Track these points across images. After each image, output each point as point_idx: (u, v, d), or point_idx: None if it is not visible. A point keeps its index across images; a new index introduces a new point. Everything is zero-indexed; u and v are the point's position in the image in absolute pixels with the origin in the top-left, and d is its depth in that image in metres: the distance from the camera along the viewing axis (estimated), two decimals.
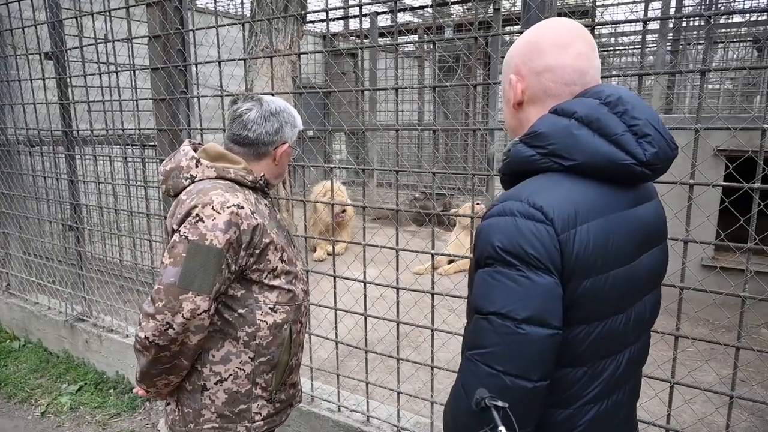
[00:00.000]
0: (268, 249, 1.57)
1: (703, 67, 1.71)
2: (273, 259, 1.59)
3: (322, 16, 8.88)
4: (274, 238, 1.59)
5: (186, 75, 2.95)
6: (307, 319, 1.80)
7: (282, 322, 1.63)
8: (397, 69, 2.48)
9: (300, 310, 1.71)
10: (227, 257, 1.45)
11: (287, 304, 1.65)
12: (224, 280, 1.48)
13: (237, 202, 1.48)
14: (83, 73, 3.45)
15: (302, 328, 1.76)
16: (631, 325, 1.04)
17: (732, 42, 8.84)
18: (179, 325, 1.42)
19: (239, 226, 1.47)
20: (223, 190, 1.49)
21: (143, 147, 3.51)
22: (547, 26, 1.05)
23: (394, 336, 3.24)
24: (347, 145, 10.16)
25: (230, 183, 1.56)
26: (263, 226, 1.55)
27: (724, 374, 3.48)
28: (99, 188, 3.75)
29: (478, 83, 5.76)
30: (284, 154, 1.69)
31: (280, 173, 1.74)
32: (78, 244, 3.88)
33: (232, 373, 1.58)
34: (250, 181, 1.60)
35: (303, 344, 1.85)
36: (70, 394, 3.55)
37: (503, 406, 0.82)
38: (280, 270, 1.62)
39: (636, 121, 0.95)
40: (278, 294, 1.63)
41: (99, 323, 3.80)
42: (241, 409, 1.61)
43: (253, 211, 1.53)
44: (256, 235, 1.51)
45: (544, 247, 0.89)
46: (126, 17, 3.19)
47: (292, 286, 1.66)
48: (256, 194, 1.64)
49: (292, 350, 1.69)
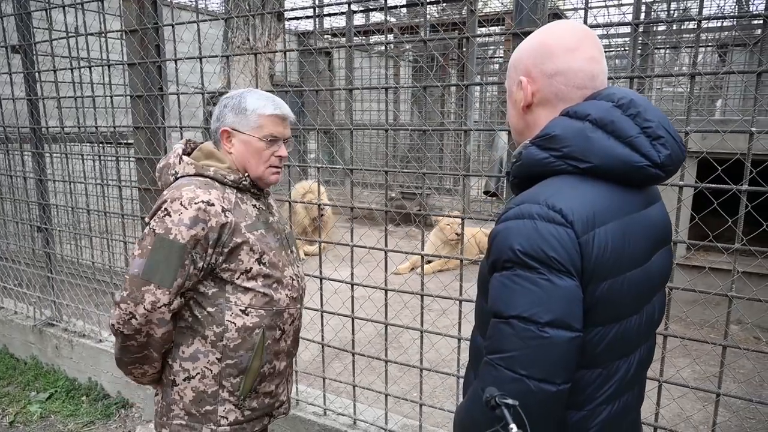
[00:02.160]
0: (240, 249, 1.53)
1: (694, 71, 1.74)
2: (246, 260, 1.54)
3: (298, 14, 8.79)
4: (250, 239, 1.54)
5: (162, 71, 2.86)
6: (294, 327, 1.72)
7: (253, 326, 1.58)
8: (387, 69, 2.45)
9: (280, 317, 1.64)
10: (192, 253, 1.46)
11: (262, 309, 1.59)
12: (189, 276, 1.48)
13: (207, 199, 1.48)
14: (53, 68, 3.32)
15: (285, 336, 1.67)
16: (643, 325, 1.04)
17: (701, 47, 9.11)
18: (141, 316, 1.46)
19: (207, 223, 1.46)
20: (197, 186, 1.50)
21: (117, 145, 3.39)
22: (556, 29, 1.05)
23: (379, 337, 3.22)
24: (320, 145, 10.10)
25: (208, 180, 1.55)
26: (234, 226, 1.51)
27: (698, 370, 3.58)
28: (70, 188, 3.61)
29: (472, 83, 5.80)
30: (238, 143, 1.58)
31: (244, 166, 1.60)
32: (47, 246, 3.73)
33: (200, 372, 1.57)
34: (231, 181, 1.57)
35: (288, 353, 1.73)
36: (40, 402, 3.40)
37: (513, 404, 0.81)
38: (255, 272, 1.57)
39: (649, 123, 0.96)
40: (252, 297, 1.58)
41: (70, 328, 3.66)
42: (207, 410, 1.58)
43: (226, 209, 1.50)
44: (225, 234, 1.49)
45: (565, 249, 0.89)
46: (98, 10, 3.08)
47: (269, 290, 1.60)
48: (242, 194, 1.60)
49: (264, 357, 1.62)
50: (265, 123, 1.57)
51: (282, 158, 1.63)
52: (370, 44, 6.75)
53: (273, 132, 1.58)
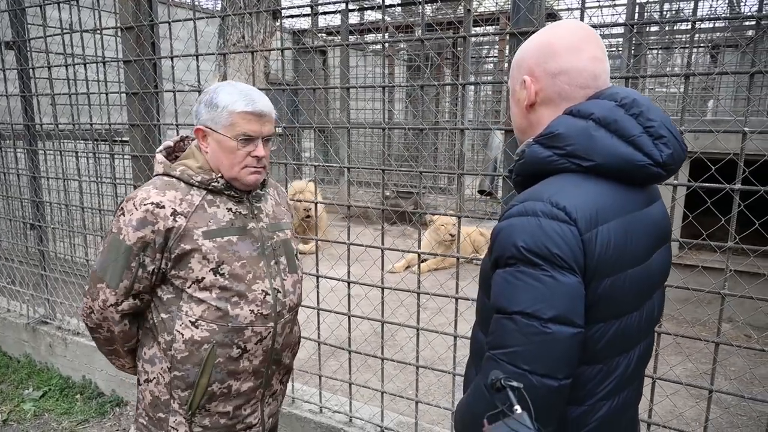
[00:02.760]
0: (189, 256, 1.44)
1: (688, 71, 1.76)
2: (198, 268, 1.44)
3: (292, 12, 8.77)
4: (203, 246, 1.43)
5: (158, 68, 2.85)
6: (264, 346, 1.56)
7: (201, 341, 1.47)
8: (384, 68, 2.46)
9: (239, 335, 1.49)
10: (141, 255, 1.43)
11: (214, 323, 1.47)
12: (138, 279, 1.45)
13: (157, 201, 1.42)
14: (47, 65, 3.29)
15: (248, 356, 1.53)
16: (644, 322, 1.06)
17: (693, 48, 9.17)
18: (97, 312, 1.49)
19: (154, 225, 1.41)
20: (155, 187, 1.45)
21: (113, 142, 3.38)
22: (560, 29, 1.06)
23: (375, 335, 3.23)
24: (316, 143, 10.08)
25: (172, 180, 1.48)
26: (183, 231, 1.42)
27: (690, 367, 3.62)
28: (65, 185, 3.59)
29: (469, 83, 5.82)
30: (213, 142, 1.47)
31: (219, 166, 1.50)
32: (40, 244, 3.71)
33: (155, 377, 1.53)
34: (198, 182, 1.47)
35: (256, 373, 1.57)
36: (34, 400, 3.38)
37: (518, 387, 0.82)
38: (208, 283, 1.45)
39: (651, 122, 0.97)
40: (205, 309, 1.46)
41: (63, 326, 3.64)
42: (159, 416, 1.54)
43: (178, 212, 1.42)
44: (171, 239, 1.42)
45: (569, 246, 0.90)
46: (93, 7, 3.06)
47: (225, 304, 1.47)
48: (214, 196, 1.50)
49: (214, 375, 1.49)
50: (238, 121, 1.44)
51: (260, 158, 1.49)
52: (366, 43, 6.75)
53: (246, 131, 1.44)
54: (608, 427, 1.04)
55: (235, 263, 1.48)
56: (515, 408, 0.79)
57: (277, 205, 1.69)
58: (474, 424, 0.98)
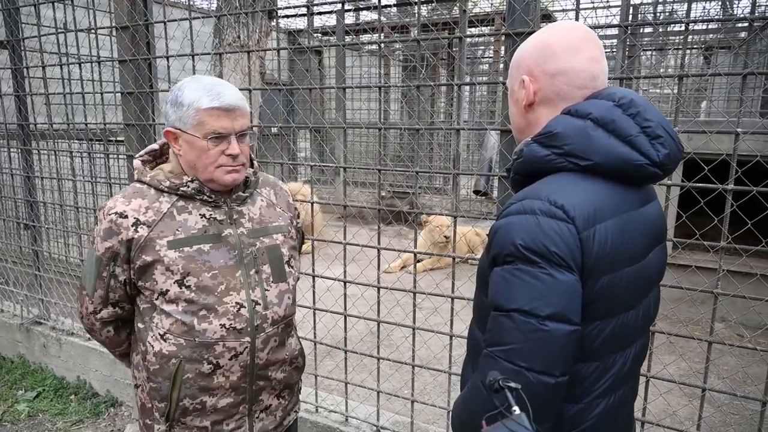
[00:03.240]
0: (153, 268, 1.38)
1: (681, 72, 1.78)
2: (161, 280, 1.38)
3: (287, 12, 8.76)
4: (165, 257, 1.36)
5: (153, 68, 2.84)
6: (241, 362, 1.45)
7: (170, 355, 1.41)
8: (380, 68, 2.47)
9: (209, 350, 1.40)
10: (111, 266, 1.41)
11: (181, 337, 1.40)
12: (113, 289, 1.44)
13: (121, 210, 1.37)
14: (42, 64, 3.28)
15: (222, 371, 1.43)
16: (639, 320, 1.07)
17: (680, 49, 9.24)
18: (85, 318, 1.52)
19: (118, 236, 1.38)
20: (122, 195, 1.41)
21: (107, 142, 3.36)
22: (558, 29, 1.07)
23: (371, 335, 3.23)
24: (311, 143, 10.08)
25: (142, 188, 1.43)
26: (144, 242, 1.36)
27: (684, 367, 3.64)
28: (59, 185, 3.58)
29: (465, 83, 5.83)
30: (183, 143, 1.37)
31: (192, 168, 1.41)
32: (34, 244, 3.69)
33: (141, 384, 1.51)
34: (167, 187, 1.40)
35: (235, 389, 1.47)
36: (28, 401, 3.37)
37: (516, 387, 0.82)
38: (173, 295, 1.38)
39: (648, 123, 0.98)
40: (173, 322, 1.40)
41: (58, 326, 3.62)
42: (147, 423, 1.52)
43: (141, 222, 1.37)
44: (133, 249, 1.37)
45: (567, 245, 0.91)
46: (88, 6, 3.05)
47: (191, 318, 1.38)
48: (186, 201, 1.42)
49: (183, 390, 1.42)
50: (205, 119, 1.33)
51: (234, 156, 1.38)
52: (362, 43, 6.77)
53: (216, 128, 1.34)
54: (605, 425, 1.05)
55: (204, 274, 1.39)
56: (513, 409, 0.79)
57: (269, 207, 1.57)
58: (471, 421, 0.99)
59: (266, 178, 1.66)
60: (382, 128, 2.31)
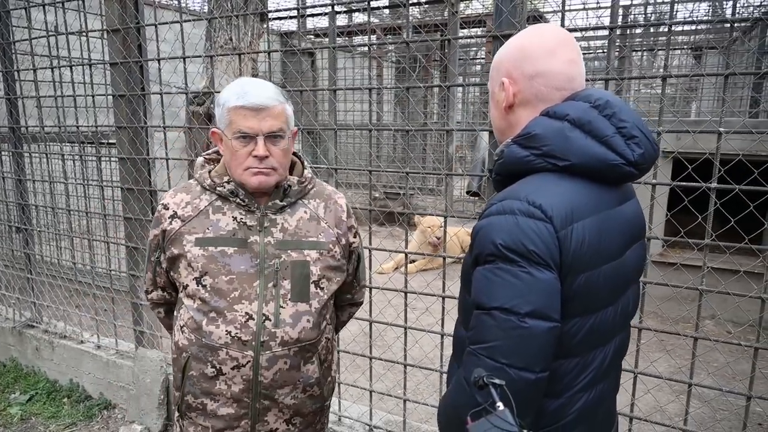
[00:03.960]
0: (179, 261, 1.43)
1: (665, 73, 1.81)
2: (184, 274, 1.42)
3: (280, 14, 8.77)
4: (188, 253, 1.39)
5: (144, 71, 2.85)
6: (244, 375, 1.40)
7: (182, 348, 1.44)
8: (370, 70, 2.49)
9: (213, 353, 1.39)
10: (158, 251, 1.50)
11: (192, 334, 1.41)
12: (158, 274, 1.54)
13: (166, 202, 1.47)
14: (33, 67, 3.28)
15: (225, 379, 1.40)
16: (618, 316, 1.09)
17: (673, 49, 9.32)
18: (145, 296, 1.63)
19: (159, 225, 1.47)
20: (174, 189, 1.51)
21: (99, 145, 3.37)
22: (535, 32, 1.10)
23: (363, 335, 3.25)
24: (303, 145, 10.09)
25: (191, 183, 1.51)
26: (174, 235, 1.42)
27: (673, 364, 3.68)
28: (51, 188, 3.58)
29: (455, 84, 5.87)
30: (224, 144, 1.40)
31: (230, 169, 1.42)
32: (27, 247, 3.69)
33: None
34: (208, 185, 1.44)
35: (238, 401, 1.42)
36: (20, 404, 3.36)
37: (501, 384, 0.84)
38: (191, 291, 1.41)
39: (624, 123, 1.00)
40: (189, 317, 1.42)
41: (50, 329, 3.62)
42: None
43: (178, 216, 1.43)
44: (165, 241, 1.45)
45: (545, 243, 0.93)
46: (79, 9, 3.06)
47: (201, 316, 1.39)
48: (224, 202, 1.43)
49: (187, 387, 1.43)
50: (234, 118, 1.34)
51: (261, 158, 1.35)
52: (353, 45, 6.82)
53: (241, 128, 1.33)
54: (585, 419, 1.07)
55: (221, 277, 1.38)
56: (498, 405, 0.81)
57: (311, 220, 1.48)
58: (456, 417, 1.01)
59: (321, 189, 1.57)
60: (372, 129, 2.34)
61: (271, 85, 1.39)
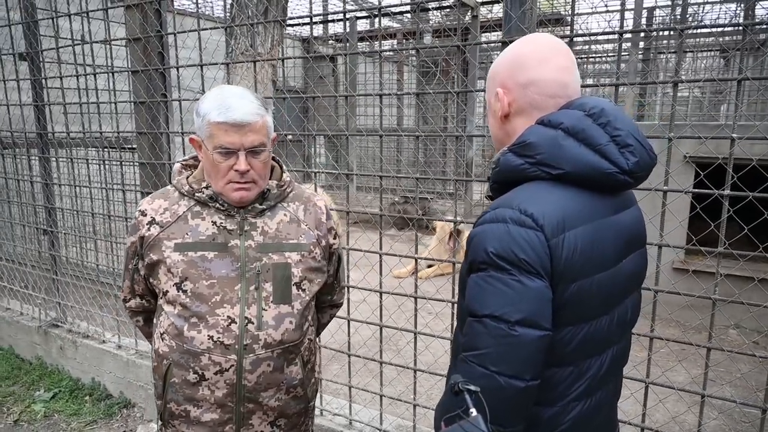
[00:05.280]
0: (158, 267, 1.42)
1: (676, 78, 1.78)
2: (164, 280, 1.41)
3: (302, 20, 8.88)
4: (168, 259, 1.38)
5: (166, 78, 2.93)
6: (227, 379, 1.39)
7: (163, 355, 1.42)
8: (381, 74, 2.51)
9: (195, 359, 1.37)
10: (135, 259, 1.50)
11: (173, 341, 1.40)
12: (136, 281, 1.53)
13: (143, 208, 1.46)
14: (59, 75, 3.40)
15: (207, 384, 1.39)
16: (614, 326, 1.08)
17: (701, 51, 9.12)
18: (123, 304, 1.62)
19: (137, 232, 1.46)
20: (152, 195, 1.50)
21: (121, 150, 3.47)
22: (527, 42, 1.11)
23: (375, 339, 3.26)
24: (327, 149, 10.18)
25: (169, 189, 1.51)
26: (153, 241, 1.41)
27: (695, 374, 3.59)
28: (75, 191, 3.69)
29: (464, 90, 5.87)
30: (203, 153, 1.38)
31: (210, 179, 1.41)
32: (52, 248, 3.81)
33: None
34: (186, 191, 1.44)
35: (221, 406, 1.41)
36: (44, 401, 3.47)
37: (475, 390, 0.84)
38: (171, 297, 1.40)
39: (618, 132, 1.00)
40: (169, 324, 1.41)
41: (74, 329, 3.73)
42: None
43: (156, 222, 1.42)
44: (143, 247, 1.44)
45: (535, 252, 0.93)
46: (104, 18, 3.15)
47: (182, 322, 1.38)
48: (203, 207, 1.43)
49: (170, 394, 1.42)
50: (215, 132, 1.31)
51: (242, 173, 1.34)
52: (365, 52, 6.85)
53: (223, 143, 1.31)
54: (581, 428, 1.06)
55: (201, 281, 1.37)
56: (471, 411, 0.81)
57: (291, 222, 1.48)
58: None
59: (300, 192, 1.57)
60: (383, 135, 2.35)
61: (251, 96, 1.36)
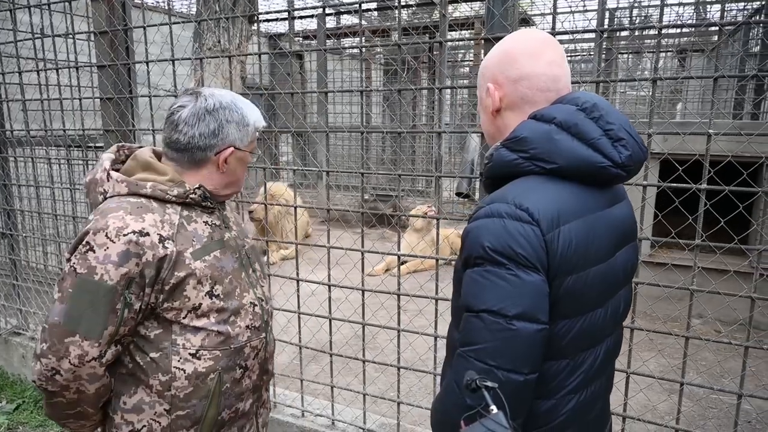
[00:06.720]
0: (184, 284, 1.30)
1: (655, 76, 1.82)
2: (194, 295, 1.31)
3: (268, 16, 8.74)
4: (196, 269, 1.31)
5: (132, 73, 2.83)
6: (260, 359, 1.49)
7: (207, 372, 1.35)
8: (361, 72, 2.48)
9: (240, 354, 1.42)
10: (126, 295, 1.24)
11: (216, 349, 1.36)
12: (124, 321, 1.26)
13: (139, 228, 1.24)
14: (18, 70, 3.24)
15: (248, 373, 1.46)
16: (608, 318, 1.10)
17: (662, 52, 9.43)
18: (67, 372, 1.22)
19: (141, 258, 1.23)
20: (127, 212, 1.25)
21: (86, 149, 3.33)
22: (518, 37, 1.11)
23: (354, 339, 3.24)
24: (293, 147, 10.07)
25: (143, 201, 1.29)
26: (176, 257, 1.28)
27: (663, 363, 3.71)
28: (37, 192, 3.53)
29: (444, 86, 5.88)
30: (234, 160, 1.39)
31: (231, 182, 1.44)
32: (12, 253, 3.63)
33: (146, 425, 1.34)
34: (175, 196, 1.32)
35: (255, 389, 1.51)
36: (7, 413, 3.31)
37: (493, 386, 0.84)
38: (206, 308, 1.34)
39: (611, 126, 1.01)
40: (204, 337, 1.34)
41: (37, 336, 3.56)
42: None
43: (165, 237, 1.27)
44: (164, 269, 1.26)
45: (532, 246, 0.93)
46: (65, 11, 3.03)
47: (225, 326, 1.37)
48: (189, 210, 1.37)
49: (222, 403, 1.40)
50: (254, 138, 1.45)
51: None
52: (342, 48, 6.84)
53: (253, 148, 1.48)
54: (577, 420, 1.08)
55: (225, 280, 1.39)
56: (491, 408, 0.81)
57: (233, 211, 1.62)
58: (447, 420, 1.01)
59: None
60: (365, 132, 2.33)
61: None
